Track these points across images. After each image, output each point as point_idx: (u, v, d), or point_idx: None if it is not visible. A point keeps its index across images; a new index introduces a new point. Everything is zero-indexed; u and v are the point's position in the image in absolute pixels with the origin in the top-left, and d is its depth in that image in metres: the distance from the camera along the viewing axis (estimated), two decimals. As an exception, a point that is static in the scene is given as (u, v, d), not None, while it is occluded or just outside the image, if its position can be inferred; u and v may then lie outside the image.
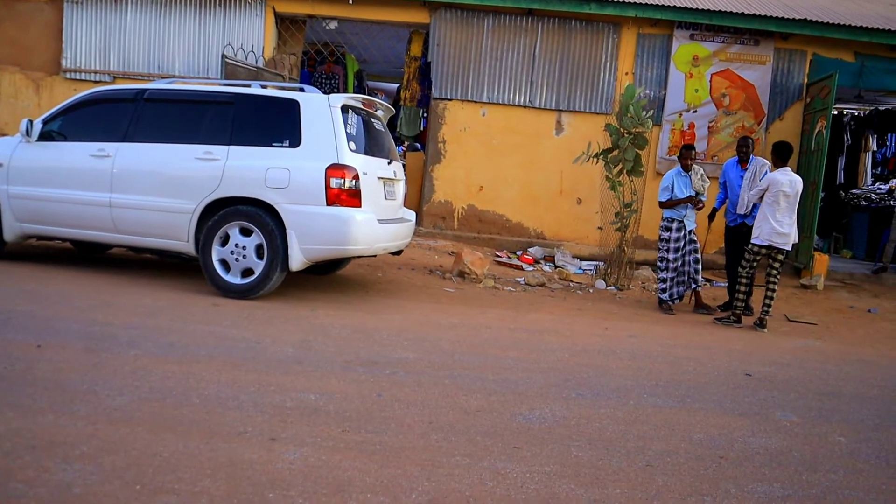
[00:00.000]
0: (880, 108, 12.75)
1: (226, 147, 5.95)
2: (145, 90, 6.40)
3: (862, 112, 13.33)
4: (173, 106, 6.35)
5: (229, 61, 9.28)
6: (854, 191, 12.61)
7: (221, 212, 5.89)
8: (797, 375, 5.13)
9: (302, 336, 4.86)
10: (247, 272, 5.90)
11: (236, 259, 5.88)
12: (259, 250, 5.84)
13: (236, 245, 5.87)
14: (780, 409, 4.21)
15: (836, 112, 12.02)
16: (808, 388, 4.79)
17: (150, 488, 2.50)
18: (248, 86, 6.41)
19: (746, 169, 7.48)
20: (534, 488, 2.79)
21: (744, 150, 7.62)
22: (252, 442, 2.98)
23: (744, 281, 7.05)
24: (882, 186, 12.48)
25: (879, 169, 13.35)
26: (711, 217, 8.10)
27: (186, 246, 6.04)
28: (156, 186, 6.06)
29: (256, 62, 10.06)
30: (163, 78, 9.44)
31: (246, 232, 5.88)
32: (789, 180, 6.83)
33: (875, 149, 13.10)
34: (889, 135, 13.04)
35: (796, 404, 4.36)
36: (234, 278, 5.91)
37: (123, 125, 6.27)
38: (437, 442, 3.18)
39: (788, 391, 4.65)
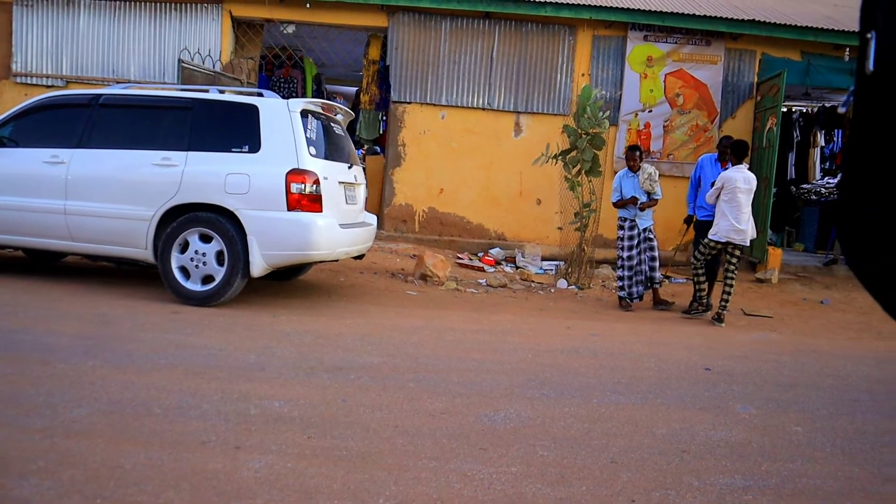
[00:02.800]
0: (827, 105, 13.11)
1: (184, 153, 5.88)
2: (100, 95, 6.30)
3: (810, 109, 13.70)
4: (130, 111, 6.26)
5: (186, 66, 9.17)
6: (804, 185, 12.95)
7: (180, 218, 5.82)
8: (755, 368, 5.26)
9: (265, 343, 4.82)
10: (207, 279, 5.83)
11: (196, 266, 5.81)
12: (219, 257, 5.79)
13: (196, 252, 5.80)
14: (739, 402, 4.31)
15: (785, 109, 12.31)
16: (765, 380, 4.91)
17: (112, 502, 2.47)
18: (206, 91, 6.35)
19: (726, 168, 7.59)
20: (500, 489, 2.82)
21: (724, 148, 7.76)
22: (216, 451, 2.95)
23: (700, 272, 7.25)
24: (831, 181, 12.84)
25: (828, 164, 13.72)
26: (688, 222, 8.25)
27: (145, 253, 5.95)
28: (112, 193, 5.96)
29: (214, 67, 9.95)
30: (118, 83, 9.27)
31: (206, 238, 5.82)
32: (744, 177, 7.00)
33: (823, 144, 13.46)
34: (836, 130, 13.41)
35: (754, 396, 4.46)
36: (194, 285, 5.84)
37: (78, 131, 6.15)
38: (404, 446, 3.19)
39: (747, 384, 4.76)
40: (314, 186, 5.78)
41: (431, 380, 4.27)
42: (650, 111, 10.48)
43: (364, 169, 7.98)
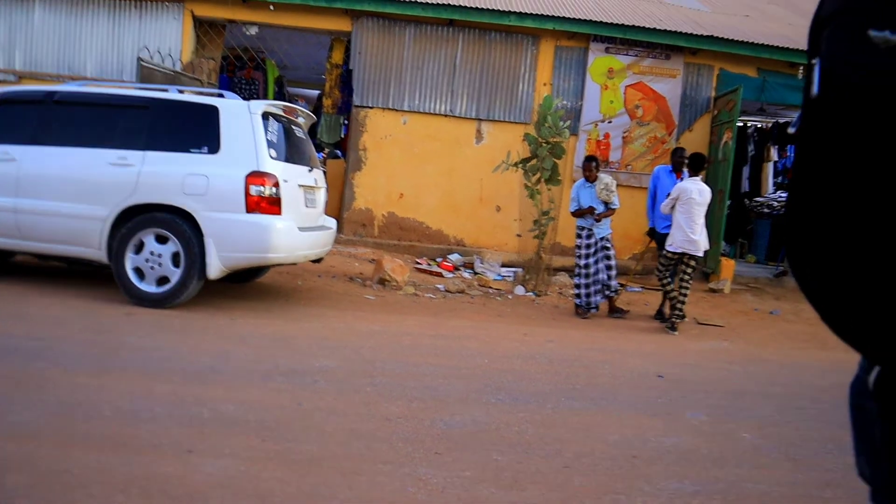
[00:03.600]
0: (781, 120, 13.47)
1: (141, 152, 5.80)
2: (55, 92, 6.18)
3: (765, 125, 14.05)
4: (85, 109, 6.13)
5: (145, 64, 9.04)
6: (757, 199, 13.27)
7: (136, 219, 5.74)
8: (706, 376, 5.37)
9: (220, 345, 4.78)
10: (162, 280, 5.76)
11: (151, 267, 5.73)
12: (175, 258, 5.71)
13: (151, 253, 5.72)
14: (689, 409, 4.40)
15: (741, 124, 12.62)
16: (715, 387, 5.02)
17: (60, 505, 2.43)
18: (166, 90, 6.26)
19: (681, 178, 7.76)
20: (455, 493, 2.84)
21: (679, 160, 7.94)
22: (168, 455, 2.92)
23: (666, 282, 7.38)
24: (782, 195, 13.18)
25: (780, 178, 14.09)
26: (650, 234, 8.39)
27: (98, 253, 5.85)
28: (66, 192, 5.85)
29: (174, 66, 9.82)
30: (73, 80, 9.10)
31: (162, 239, 5.74)
32: (698, 189, 7.16)
33: (776, 159, 13.83)
34: (789, 146, 13.77)
35: (705, 403, 4.56)
36: (148, 287, 5.75)
37: (31, 128, 6.03)
38: (359, 450, 3.19)
39: (698, 391, 4.86)
40: (274, 189, 5.75)
41: (388, 384, 4.28)
42: (610, 122, 10.64)
43: (324, 172, 7.96)
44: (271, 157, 5.84)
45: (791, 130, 12.41)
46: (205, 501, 2.55)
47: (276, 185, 5.78)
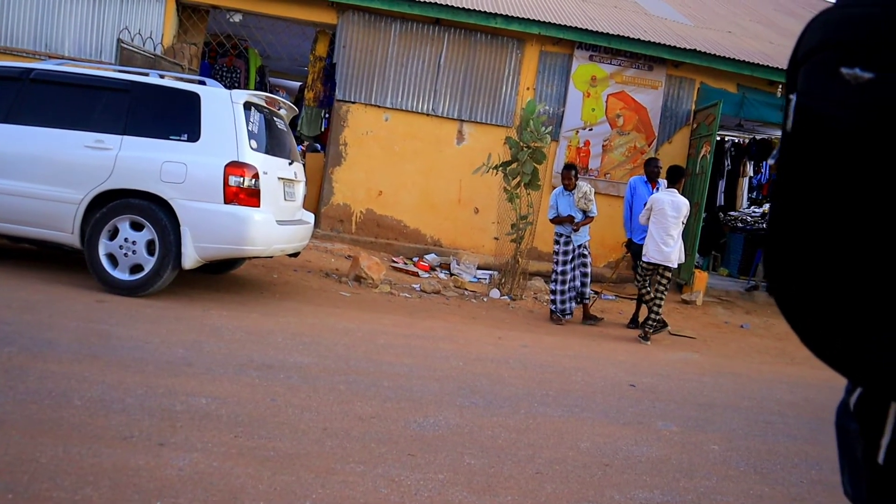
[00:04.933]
0: (758, 137, 13.66)
1: (119, 136, 5.70)
2: (32, 69, 6.04)
3: (742, 140, 14.24)
4: (63, 89, 6.00)
5: (126, 46, 8.89)
6: (732, 213, 13.44)
7: (111, 204, 5.64)
8: (677, 386, 5.42)
9: (193, 337, 4.72)
10: (136, 268, 5.67)
11: (125, 254, 5.64)
12: (150, 246, 5.63)
13: (126, 240, 5.63)
14: (660, 419, 4.44)
15: (718, 138, 12.78)
16: (686, 398, 5.07)
17: (25, 497, 2.37)
18: (146, 74, 6.17)
19: (656, 189, 7.86)
20: (427, 496, 2.83)
21: (654, 170, 8.02)
22: (138, 447, 2.87)
23: (645, 291, 7.42)
24: (756, 210, 13.37)
25: (755, 193, 14.30)
26: (628, 246, 8.45)
27: (71, 238, 5.74)
28: (39, 173, 5.73)
29: (155, 49, 9.67)
30: (51, 58, 8.91)
31: (137, 226, 5.66)
32: (671, 200, 7.20)
33: (752, 175, 14.03)
34: (764, 162, 13.98)
35: (676, 414, 4.61)
36: (121, 274, 5.66)
37: (4, 105, 5.89)
38: (332, 448, 3.17)
39: (669, 401, 4.90)
40: (253, 180, 5.69)
41: (362, 383, 4.26)
42: (591, 129, 10.70)
43: (304, 166, 7.90)
44: (252, 149, 5.78)
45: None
46: (175, 496, 2.51)
47: (256, 176, 5.72)
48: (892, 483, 0.93)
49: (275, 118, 6.51)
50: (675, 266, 7.40)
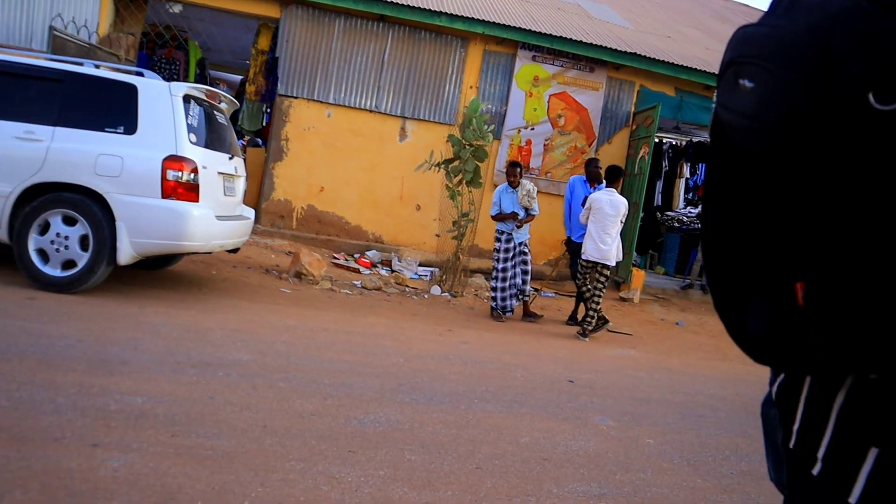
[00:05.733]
0: (694, 139, 14.05)
1: (51, 128, 5.52)
2: (-43, 57, 5.81)
3: (679, 142, 14.62)
4: (-10, 78, 5.79)
5: (58, 34, 8.60)
6: (669, 213, 13.79)
7: (42, 198, 5.47)
8: (614, 382, 5.56)
9: (129, 334, 4.62)
10: (68, 264, 5.51)
11: (57, 249, 5.47)
12: (83, 241, 5.48)
13: (58, 234, 5.47)
14: (598, 414, 4.54)
15: (657, 140, 13.10)
16: (622, 394, 5.20)
17: (-48, 499, 2.30)
18: (81, 64, 5.98)
19: (595, 188, 8.03)
20: (368, 492, 2.85)
21: (594, 170, 8.18)
22: (71, 448, 2.81)
23: (584, 289, 7.56)
24: (692, 211, 13.75)
25: (691, 194, 14.71)
26: (567, 245, 8.58)
27: (-2, 232, 5.54)
28: (-35, 165, 5.51)
29: (89, 38, 9.38)
30: (-23, 44, 8.57)
31: (70, 221, 5.50)
32: (609, 200, 7.37)
33: (688, 176, 14.42)
34: (700, 164, 14.38)
35: (612, 409, 4.72)
36: (53, 270, 5.49)
37: (-73, 94, 5.65)
38: (272, 446, 3.16)
39: (606, 397, 5.02)
40: (192, 175, 5.60)
41: (302, 380, 4.24)
42: (532, 129, 10.84)
43: (244, 161, 7.79)
44: (191, 142, 5.68)
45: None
46: (110, 498, 2.46)
47: (195, 171, 5.63)
48: (802, 465, 1.00)
49: (215, 112, 6.41)
50: (614, 264, 7.57)
